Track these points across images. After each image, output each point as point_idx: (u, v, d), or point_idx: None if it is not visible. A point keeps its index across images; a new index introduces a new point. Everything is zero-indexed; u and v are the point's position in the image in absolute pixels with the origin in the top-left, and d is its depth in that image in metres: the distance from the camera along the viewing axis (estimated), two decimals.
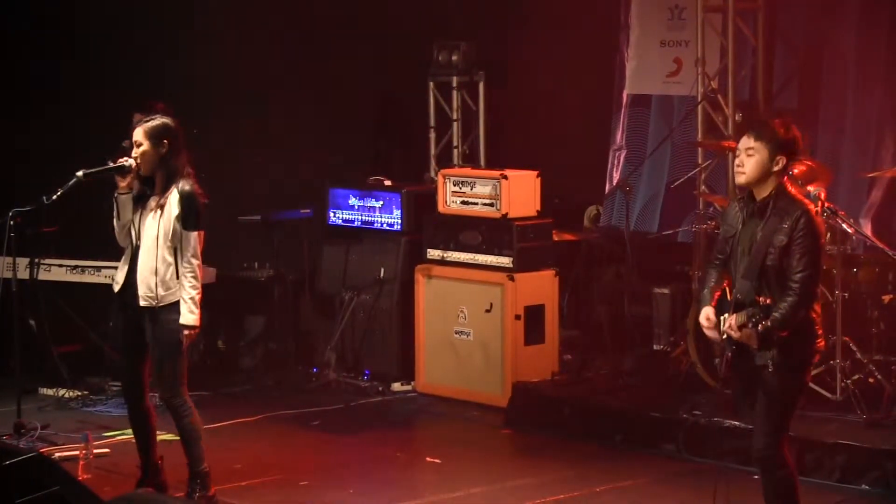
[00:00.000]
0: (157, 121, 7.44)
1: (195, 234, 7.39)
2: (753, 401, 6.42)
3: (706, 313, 6.45)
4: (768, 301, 6.19)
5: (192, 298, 7.36)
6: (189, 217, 7.36)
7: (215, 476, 7.65)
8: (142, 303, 7.39)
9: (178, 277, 7.37)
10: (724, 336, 6.37)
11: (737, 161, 6.44)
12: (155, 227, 7.37)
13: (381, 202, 10.57)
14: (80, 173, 7.44)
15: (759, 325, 6.16)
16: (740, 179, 6.43)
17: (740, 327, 6.24)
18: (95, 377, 10.10)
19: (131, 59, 10.67)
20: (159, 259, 7.36)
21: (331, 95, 11.44)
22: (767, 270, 6.32)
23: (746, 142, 6.40)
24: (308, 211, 10.81)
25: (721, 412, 8.46)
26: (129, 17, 10.80)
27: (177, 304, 7.37)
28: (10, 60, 10.56)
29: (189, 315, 7.35)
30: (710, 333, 6.46)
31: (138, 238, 7.43)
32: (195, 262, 7.39)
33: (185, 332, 7.37)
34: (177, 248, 7.37)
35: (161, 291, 7.36)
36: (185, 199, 7.36)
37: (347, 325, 10.45)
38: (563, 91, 11.24)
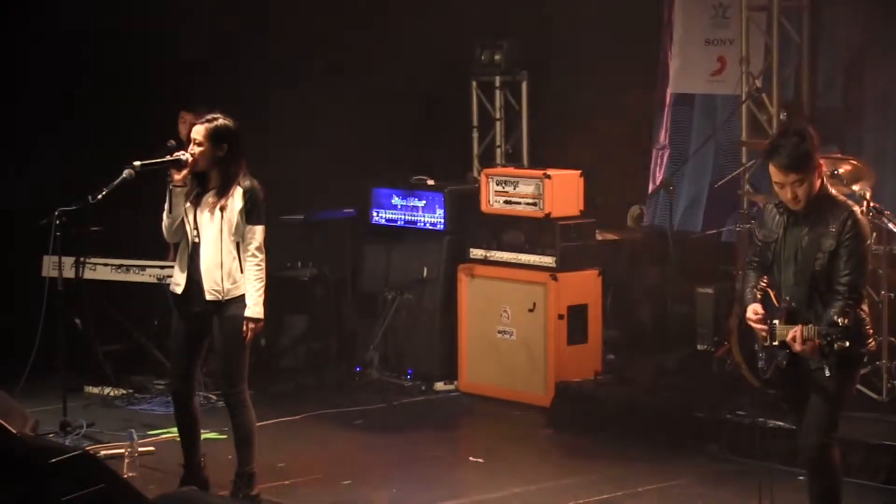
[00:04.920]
0: (220, 122, 7.44)
1: (260, 227, 7.42)
2: (804, 404, 6.37)
3: (753, 308, 6.39)
4: (847, 322, 6.08)
5: (257, 291, 7.38)
6: (253, 211, 7.39)
7: (259, 474, 7.66)
8: (208, 297, 7.40)
9: (242, 271, 7.40)
10: (778, 343, 6.30)
11: (787, 195, 6.28)
12: (217, 223, 7.38)
13: (424, 202, 10.58)
14: (136, 163, 7.46)
15: (836, 345, 6.06)
16: (800, 206, 6.30)
17: (805, 341, 6.17)
18: (140, 375, 10.16)
19: (174, 60, 10.72)
20: (224, 252, 7.38)
21: (374, 94, 11.46)
22: (817, 276, 6.27)
23: (788, 176, 6.22)
24: (351, 210, 10.82)
25: (765, 412, 8.41)
26: (173, 16, 10.85)
27: (242, 297, 7.39)
28: (50, 63, 10.62)
29: (254, 308, 7.38)
30: (756, 326, 6.39)
31: (196, 235, 7.45)
32: (260, 255, 7.42)
33: (251, 325, 7.38)
34: (239, 242, 7.40)
35: (227, 285, 7.39)
36: (248, 193, 7.39)
37: (390, 324, 10.46)
38: (606, 90, 11.21)
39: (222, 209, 7.37)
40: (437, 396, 10.21)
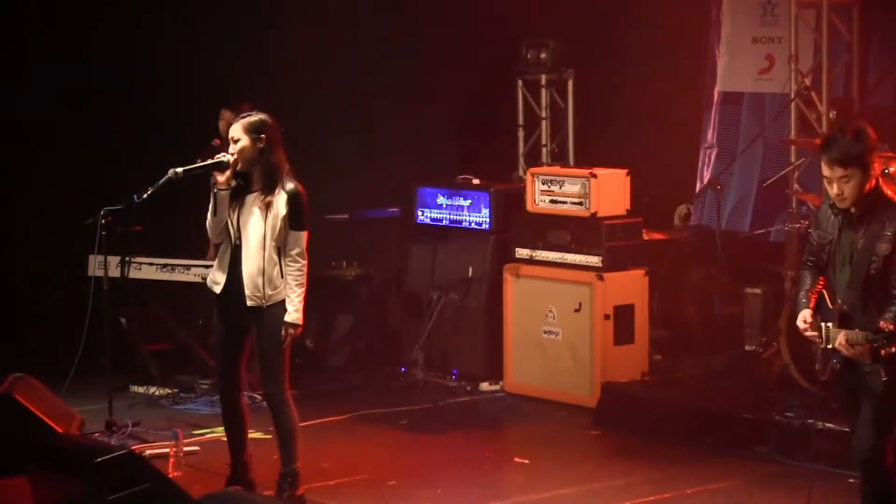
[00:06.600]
0: (255, 116, 7.45)
1: (302, 233, 7.42)
2: (858, 406, 6.31)
3: (804, 315, 6.35)
4: (892, 328, 6.02)
5: (297, 297, 7.39)
6: (296, 217, 7.38)
7: (303, 474, 7.66)
8: (249, 303, 7.40)
9: (283, 276, 7.39)
10: (830, 347, 6.26)
11: (834, 190, 6.26)
12: (261, 227, 7.37)
13: (470, 201, 10.55)
14: (178, 170, 7.47)
15: (883, 351, 6.02)
16: (845, 205, 6.27)
17: (853, 345, 6.13)
18: (185, 375, 10.18)
19: (218, 58, 10.74)
20: (266, 258, 7.38)
21: (419, 93, 11.45)
22: (871, 280, 6.21)
23: (835, 171, 6.22)
24: (396, 210, 10.81)
25: (814, 414, 8.32)
26: (216, 15, 10.87)
27: (283, 301, 7.39)
28: (96, 61, 10.66)
29: (294, 314, 7.38)
30: (808, 334, 6.36)
31: (238, 237, 7.45)
32: (301, 261, 7.42)
33: (290, 330, 7.39)
34: (281, 247, 7.39)
35: (269, 291, 7.38)
36: (292, 198, 7.37)
37: (435, 324, 10.43)
38: (653, 89, 11.15)
39: (268, 206, 7.36)
40: (482, 397, 10.18)
